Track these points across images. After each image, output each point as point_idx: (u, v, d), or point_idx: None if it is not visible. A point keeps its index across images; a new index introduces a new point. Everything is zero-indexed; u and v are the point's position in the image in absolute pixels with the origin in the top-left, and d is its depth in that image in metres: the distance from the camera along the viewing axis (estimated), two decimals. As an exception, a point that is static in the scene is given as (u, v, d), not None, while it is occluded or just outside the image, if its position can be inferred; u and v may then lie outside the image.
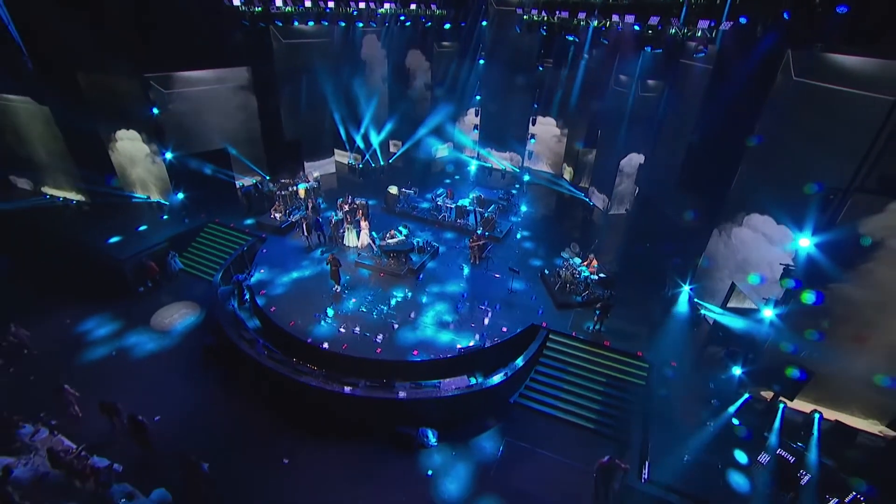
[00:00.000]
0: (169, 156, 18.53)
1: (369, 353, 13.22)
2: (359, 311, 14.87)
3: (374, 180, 24.60)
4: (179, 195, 19.14)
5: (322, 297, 15.42)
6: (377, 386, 12.12)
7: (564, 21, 18.39)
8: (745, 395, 11.58)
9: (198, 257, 18.57)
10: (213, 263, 17.97)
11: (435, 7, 22.64)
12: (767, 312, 11.59)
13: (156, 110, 17.82)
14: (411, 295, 15.78)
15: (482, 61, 24.62)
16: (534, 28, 19.72)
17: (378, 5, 21.12)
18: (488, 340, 13.70)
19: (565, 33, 19.00)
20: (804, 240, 10.40)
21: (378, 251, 17.29)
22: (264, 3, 18.56)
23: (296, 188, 20.75)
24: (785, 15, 11.91)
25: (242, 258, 17.63)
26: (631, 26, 16.06)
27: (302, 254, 18.07)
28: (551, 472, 11.32)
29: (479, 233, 18.75)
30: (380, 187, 22.66)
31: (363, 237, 18.07)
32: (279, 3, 18.71)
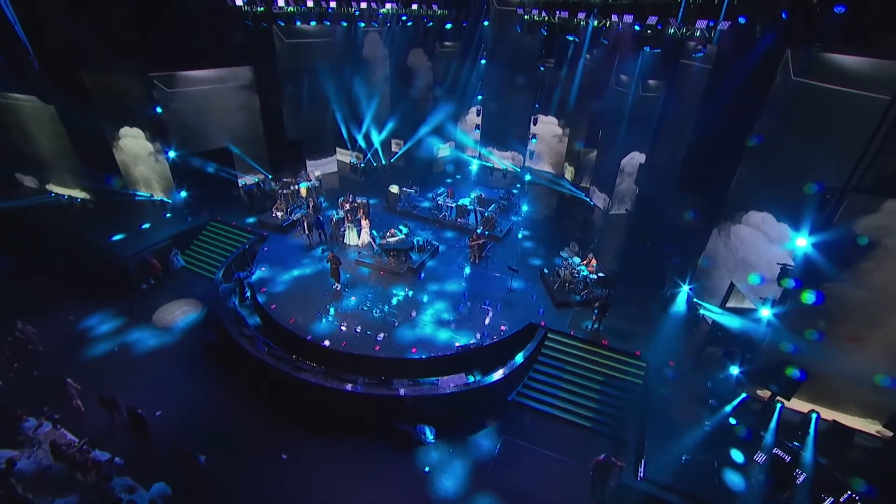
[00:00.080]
0: (172, 154, 18.72)
1: (368, 351, 13.33)
2: (359, 310, 14.97)
3: (375, 179, 24.71)
4: (182, 193, 19.32)
5: (322, 295, 15.55)
6: (376, 383, 12.23)
7: (565, 21, 18.41)
8: (743, 395, 11.61)
9: (200, 255, 18.74)
10: (215, 261, 18.13)
11: (436, 7, 22.70)
12: (765, 312, 11.63)
13: (159, 109, 17.99)
14: (412, 293, 15.88)
15: (483, 61, 24.64)
16: (535, 28, 19.72)
17: (380, 5, 21.18)
18: (487, 339, 13.77)
19: (566, 33, 19.03)
20: (801, 239, 10.42)
21: (378, 250, 17.40)
22: (267, 3, 18.66)
23: (297, 187, 20.89)
24: (783, 15, 11.91)
25: (244, 256, 17.77)
26: (630, 26, 16.06)
27: (303, 252, 18.21)
28: (548, 469, 11.39)
29: (479, 232, 18.82)
30: (381, 186, 22.78)
31: (363, 236, 18.18)
32: (281, 3, 18.80)
